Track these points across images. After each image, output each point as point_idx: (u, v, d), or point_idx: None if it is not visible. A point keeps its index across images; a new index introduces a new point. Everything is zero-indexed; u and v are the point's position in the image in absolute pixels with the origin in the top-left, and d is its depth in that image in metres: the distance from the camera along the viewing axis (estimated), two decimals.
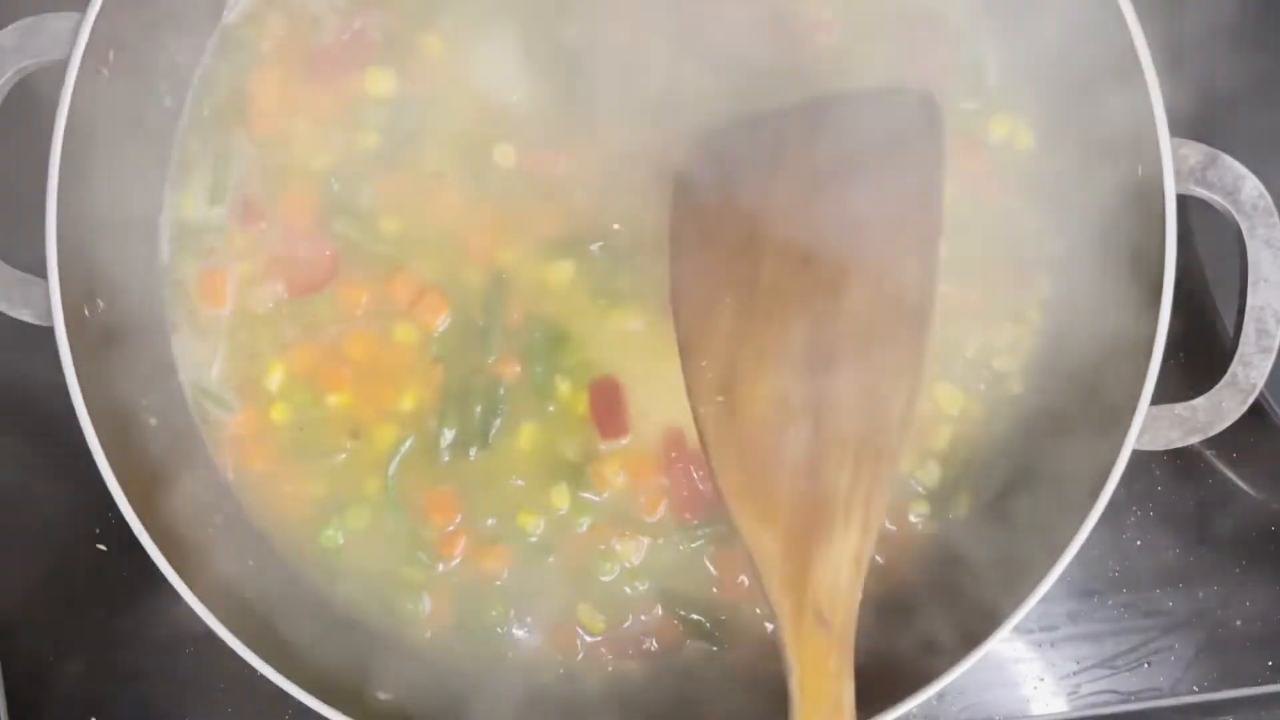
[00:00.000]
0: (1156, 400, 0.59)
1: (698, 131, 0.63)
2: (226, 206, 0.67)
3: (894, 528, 0.67)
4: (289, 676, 0.57)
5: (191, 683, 0.71)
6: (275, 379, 0.66)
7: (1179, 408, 0.60)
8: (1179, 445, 0.60)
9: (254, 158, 0.68)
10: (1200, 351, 0.68)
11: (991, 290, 0.68)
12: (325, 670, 0.62)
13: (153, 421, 0.64)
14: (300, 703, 0.57)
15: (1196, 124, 0.70)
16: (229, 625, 0.57)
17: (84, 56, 0.59)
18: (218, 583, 0.59)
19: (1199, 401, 0.60)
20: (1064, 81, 0.67)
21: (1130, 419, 0.58)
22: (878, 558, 0.67)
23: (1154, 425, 0.60)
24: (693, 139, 0.63)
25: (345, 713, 0.58)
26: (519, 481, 0.66)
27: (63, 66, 0.59)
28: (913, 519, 0.68)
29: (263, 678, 0.57)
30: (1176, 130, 0.60)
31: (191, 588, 0.56)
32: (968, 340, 0.68)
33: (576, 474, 0.66)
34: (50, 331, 0.58)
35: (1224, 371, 0.60)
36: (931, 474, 0.68)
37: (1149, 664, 0.74)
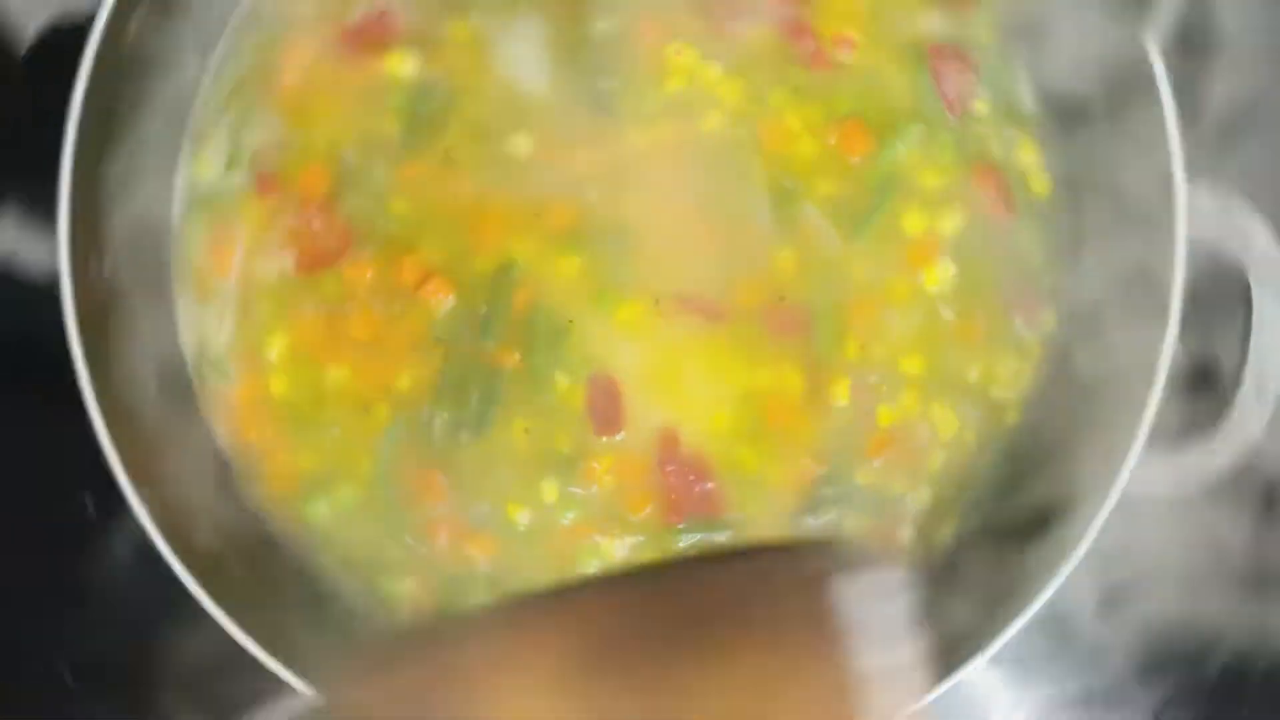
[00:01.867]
0: (1150, 440, 0.59)
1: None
2: (242, 174, 0.67)
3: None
4: (272, 652, 0.58)
5: None
6: (276, 351, 0.66)
7: (1171, 456, 0.60)
8: (1168, 493, 0.60)
9: (274, 128, 0.67)
10: (1200, 394, 0.68)
11: (996, 320, 0.68)
12: (305, 645, 0.62)
13: (152, 386, 0.64)
14: (282, 679, 0.58)
15: (1212, 165, 0.70)
16: (217, 598, 0.58)
17: (111, 12, 0.59)
18: (207, 555, 0.60)
19: (1192, 450, 0.60)
20: (1083, 117, 0.67)
21: (1121, 462, 0.59)
22: None
23: (1144, 471, 0.60)
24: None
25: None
26: (509, 470, 0.66)
27: (89, 20, 0.59)
28: (899, 540, 0.68)
29: (248, 653, 0.58)
30: (1191, 171, 0.60)
31: (181, 559, 0.56)
32: (969, 367, 0.68)
33: (567, 467, 0.66)
34: (53, 293, 0.58)
35: (1222, 416, 0.61)
36: (922, 497, 0.68)
37: (1124, 700, 0.74)
